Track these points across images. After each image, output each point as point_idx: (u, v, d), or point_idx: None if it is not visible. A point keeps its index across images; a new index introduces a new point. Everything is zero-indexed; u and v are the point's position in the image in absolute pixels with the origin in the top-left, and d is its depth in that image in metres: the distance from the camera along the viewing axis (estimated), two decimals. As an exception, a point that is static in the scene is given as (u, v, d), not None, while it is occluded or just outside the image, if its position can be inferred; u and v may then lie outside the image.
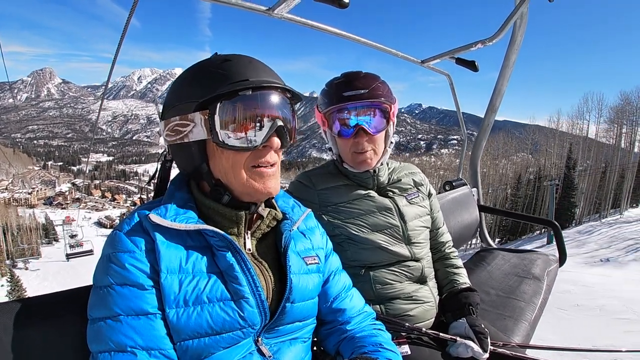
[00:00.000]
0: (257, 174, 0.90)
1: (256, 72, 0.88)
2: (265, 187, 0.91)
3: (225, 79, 0.85)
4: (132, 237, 0.82)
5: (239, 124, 0.85)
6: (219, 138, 0.85)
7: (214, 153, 0.90)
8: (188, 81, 0.92)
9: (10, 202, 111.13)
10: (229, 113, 0.85)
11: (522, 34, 2.39)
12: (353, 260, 1.42)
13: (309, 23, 1.86)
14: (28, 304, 0.93)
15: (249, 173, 0.89)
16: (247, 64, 0.90)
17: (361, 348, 1.01)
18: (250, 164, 0.89)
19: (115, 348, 0.74)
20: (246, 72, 0.87)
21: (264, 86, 0.86)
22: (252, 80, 0.85)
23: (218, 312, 0.81)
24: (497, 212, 3.39)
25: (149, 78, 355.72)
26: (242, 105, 0.85)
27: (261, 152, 0.90)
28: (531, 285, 2.08)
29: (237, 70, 0.87)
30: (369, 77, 1.43)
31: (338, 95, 1.40)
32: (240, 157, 0.88)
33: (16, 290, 33.42)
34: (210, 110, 0.84)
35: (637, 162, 35.32)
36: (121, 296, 0.77)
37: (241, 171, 0.89)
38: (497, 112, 2.92)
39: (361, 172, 1.49)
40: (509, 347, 1.38)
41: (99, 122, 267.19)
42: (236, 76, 0.85)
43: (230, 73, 0.86)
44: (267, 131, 0.87)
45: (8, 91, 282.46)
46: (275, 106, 0.89)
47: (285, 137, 0.92)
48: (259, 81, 0.85)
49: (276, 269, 0.96)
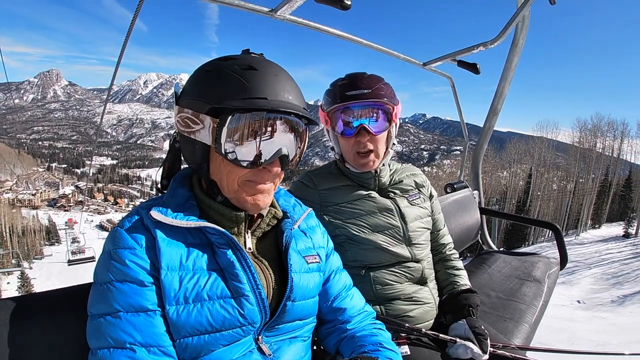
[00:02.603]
0: (249, 187, 0.89)
1: (277, 91, 0.85)
2: (254, 201, 0.90)
3: (243, 91, 0.83)
4: (133, 233, 0.83)
5: (245, 141, 0.84)
6: (222, 150, 0.84)
7: (215, 157, 0.89)
8: (209, 78, 0.88)
9: (15, 202, 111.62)
10: (238, 129, 0.83)
11: (524, 36, 2.39)
12: (353, 260, 1.43)
13: (311, 25, 1.86)
14: (29, 300, 0.93)
15: (242, 185, 0.89)
16: (271, 78, 0.86)
17: (361, 347, 1.01)
18: (245, 178, 0.88)
19: (115, 344, 0.75)
20: (266, 89, 0.84)
21: (280, 110, 0.84)
22: (270, 101, 0.83)
23: (218, 309, 0.81)
24: (498, 215, 3.38)
25: (155, 83, 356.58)
26: (252, 123, 0.83)
27: (260, 172, 0.89)
28: (532, 287, 2.08)
29: (258, 85, 0.84)
30: (372, 77, 1.44)
31: (341, 95, 1.40)
32: (237, 170, 0.87)
33: (25, 285, 37.12)
34: (221, 120, 0.82)
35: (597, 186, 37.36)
36: (121, 293, 0.77)
37: (234, 182, 0.89)
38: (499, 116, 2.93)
39: (363, 173, 1.49)
40: (509, 348, 1.38)
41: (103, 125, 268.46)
42: (256, 92, 0.83)
43: (250, 86, 0.83)
44: (269, 157, 0.86)
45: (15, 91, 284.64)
46: (286, 134, 0.88)
47: (286, 164, 0.90)
48: (276, 103, 0.83)
49: (277, 268, 0.96)
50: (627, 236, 29.90)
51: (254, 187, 0.89)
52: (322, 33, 1.96)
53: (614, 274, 19.12)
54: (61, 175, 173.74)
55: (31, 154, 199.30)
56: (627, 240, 28.85)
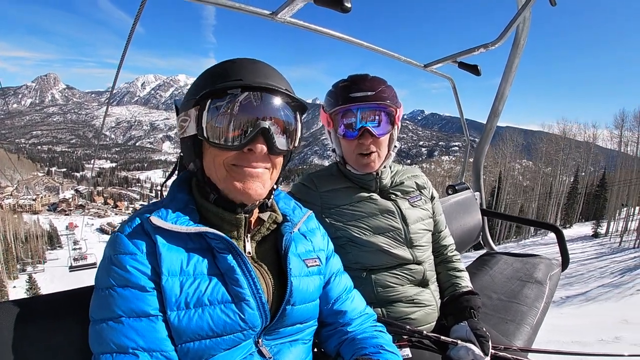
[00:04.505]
0: (237, 172, 0.89)
1: (254, 73, 0.87)
2: (244, 188, 0.88)
3: (220, 78, 0.86)
4: (134, 239, 0.83)
5: (224, 122, 0.85)
6: (203, 133, 0.86)
7: (206, 148, 0.90)
8: (196, 80, 0.93)
9: (15, 208, 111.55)
10: (217, 111, 0.85)
11: (525, 37, 2.39)
12: (355, 262, 1.42)
13: (311, 27, 1.86)
14: (30, 303, 0.93)
15: (230, 170, 0.89)
16: (248, 65, 0.89)
17: (362, 350, 1.01)
18: (231, 162, 0.88)
19: (117, 349, 0.75)
20: (242, 73, 0.87)
21: (254, 87, 0.85)
22: (243, 81, 0.85)
23: (219, 314, 0.81)
24: (499, 216, 3.38)
25: (153, 84, 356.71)
26: (230, 104, 0.85)
27: (246, 155, 0.88)
28: (533, 289, 2.07)
29: (235, 71, 0.87)
30: (375, 80, 1.43)
31: (344, 96, 1.40)
32: (222, 153, 0.88)
33: (33, 288, 39.08)
34: (201, 106, 0.85)
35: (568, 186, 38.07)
36: (123, 298, 0.78)
37: (221, 167, 0.89)
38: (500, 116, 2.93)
39: (364, 175, 1.49)
40: (511, 350, 1.37)
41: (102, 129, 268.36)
42: (232, 76, 0.86)
43: (227, 72, 0.87)
44: (248, 134, 0.86)
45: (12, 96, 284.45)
46: (264, 109, 0.87)
47: (272, 143, 0.89)
48: (251, 81, 0.85)
49: (276, 272, 0.96)
50: (596, 236, 30.11)
51: (242, 172, 0.88)
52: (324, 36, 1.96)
53: (569, 274, 18.68)
54: (61, 180, 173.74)
55: (30, 158, 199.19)
56: (594, 240, 29.03)
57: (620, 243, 27.53)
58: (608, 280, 17.87)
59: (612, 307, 11.95)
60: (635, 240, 27.04)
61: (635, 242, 26.87)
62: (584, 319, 9.49)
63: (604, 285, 16.79)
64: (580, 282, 17.61)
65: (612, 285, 16.64)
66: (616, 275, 18.65)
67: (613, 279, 17.97)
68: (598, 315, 10.10)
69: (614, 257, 23.09)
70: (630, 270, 19.08)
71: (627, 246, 26.61)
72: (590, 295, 14.99)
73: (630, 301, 13.07)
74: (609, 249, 26.13)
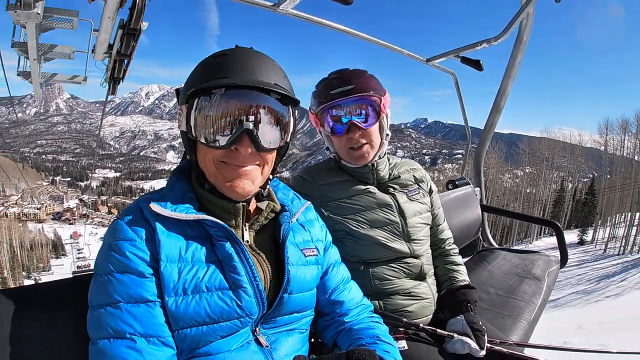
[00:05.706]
0: (226, 170, 0.90)
1: (243, 70, 0.86)
2: (232, 185, 0.90)
3: (209, 74, 0.87)
4: (133, 226, 0.85)
5: (209, 121, 0.86)
6: (192, 132, 0.87)
7: (198, 144, 0.91)
8: (195, 68, 0.93)
9: (20, 216, 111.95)
10: (202, 110, 0.86)
11: (529, 33, 2.40)
12: (352, 255, 1.43)
13: (313, 19, 1.87)
14: (29, 291, 0.95)
15: (219, 167, 0.90)
16: (240, 59, 0.88)
17: (359, 340, 1.02)
18: (219, 159, 0.89)
19: (115, 335, 0.76)
20: (231, 69, 0.86)
21: (238, 85, 0.84)
22: (230, 79, 0.84)
23: (216, 300, 0.83)
24: (499, 212, 3.38)
25: (157, 94, 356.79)
26: (215, 103, 0.85)
27: (234, 152, 0.89)
28: (531, 285, 2.08)
29: (224, 66, 0.87)
30: (355, 72, 1.44)
31: (327, 94, 1.41)
32: (211, 151, 0.89)
33: None
34: (189, 104, 0.87)
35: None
36: (121, 284, 0.79)
37: (211, 163, 0.90)
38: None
39: (360, 167, 1.49)
40: (506, 345, 1.38)
41: (106, 138, 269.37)
42: (220, 73, 0.85)
43: (217, 68, 0.87)
44: (231, 134, 0.86)
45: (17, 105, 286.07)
46: (248, 109, 0.87)
47: (258, 143, 0.88)
48: (238, 79, 0.84)
49: (274, 260, 0.97)
50: (582, 243, 29.99)
51: (231, 169, 0.90)
52: (326, 28, 1.97)
53: (544, 282, 18.70)
54: (65, 189, 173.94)
55: (35, 167, 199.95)
56: (579, 248, 28.95)
57: (605, 250, 27.59)
58: (582, 287, 18.16)
59: (574, 314, 12.24)
60: (619, 247, 27.03)
61: (619, 249, 26.88)
62: (543, 325, 9.52)
63: (577, 292, 17.13)
64: (556, 289, 17.52)
65: (584, 292, 17.03)
66: (592, 283, 18.95)
67: (588, 286, 18.27)
68: (559, 321, 10.31)
69: (595, 264, 23.45)
70: (608, 277, 19.41)
71: (611, 253, 26.76)
72: (559, 303, 15.20)
73: (592, 308, 13.40)
74: (593, 256, 26.34)
